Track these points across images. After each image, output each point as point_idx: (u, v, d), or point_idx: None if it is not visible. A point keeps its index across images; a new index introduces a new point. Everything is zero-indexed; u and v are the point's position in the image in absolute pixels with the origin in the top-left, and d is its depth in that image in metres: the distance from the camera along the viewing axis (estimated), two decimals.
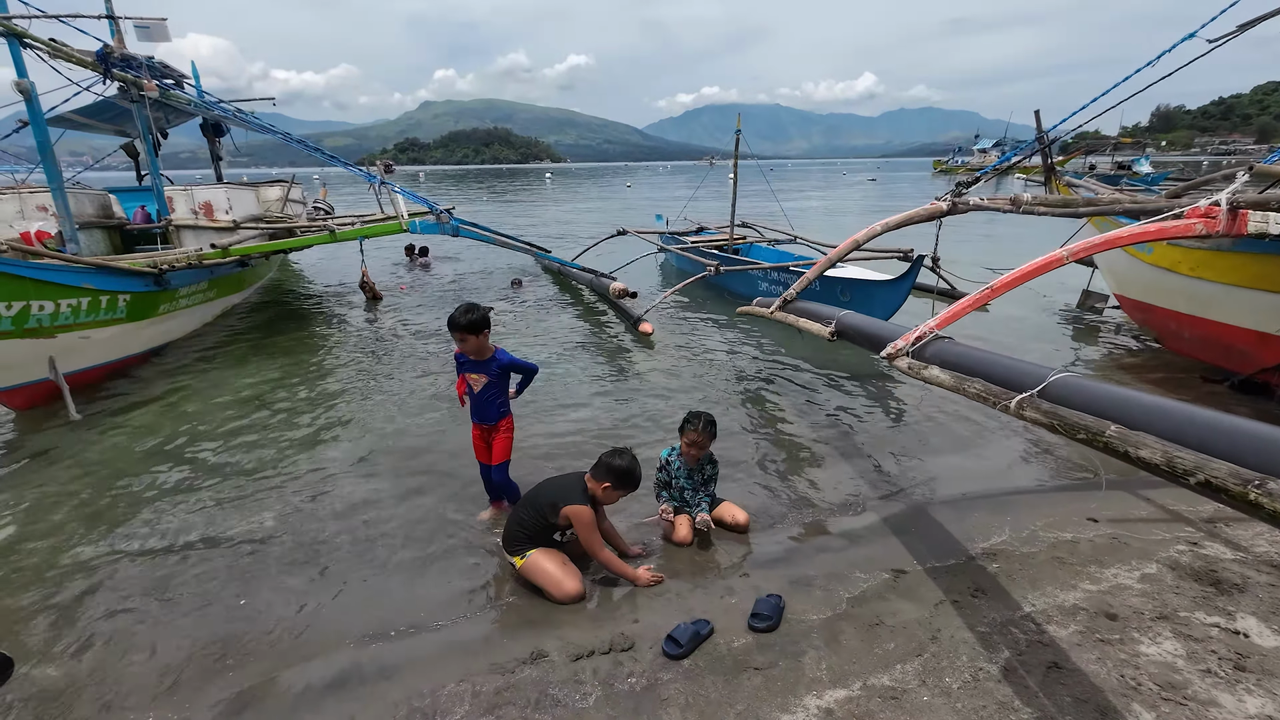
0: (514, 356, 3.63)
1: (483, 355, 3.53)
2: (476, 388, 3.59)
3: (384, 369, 6.74)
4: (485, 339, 3.49)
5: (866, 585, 3.10)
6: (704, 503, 3.59)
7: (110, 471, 4.51)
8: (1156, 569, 3.11)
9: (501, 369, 3.56)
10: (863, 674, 2.51)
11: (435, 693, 2.51)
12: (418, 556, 3.49)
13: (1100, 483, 4.12)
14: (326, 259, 14.05)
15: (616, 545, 3.37)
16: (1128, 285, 7.24)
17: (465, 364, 3.59)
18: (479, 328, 3.41)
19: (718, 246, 10.95)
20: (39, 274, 5.33)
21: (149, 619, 3.01)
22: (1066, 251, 3.12)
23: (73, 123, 9.46)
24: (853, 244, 5.53)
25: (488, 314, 3.49)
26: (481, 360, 3.53)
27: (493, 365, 3.54)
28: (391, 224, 8.26)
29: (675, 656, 2.65)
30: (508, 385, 3.67)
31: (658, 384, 6.17)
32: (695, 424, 3.50)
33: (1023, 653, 2.58)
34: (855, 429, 5.14)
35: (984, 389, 2.42)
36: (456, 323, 3.40)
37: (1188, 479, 1.52)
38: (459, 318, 3.39)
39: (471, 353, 3.50)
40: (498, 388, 3.61)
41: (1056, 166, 6.64)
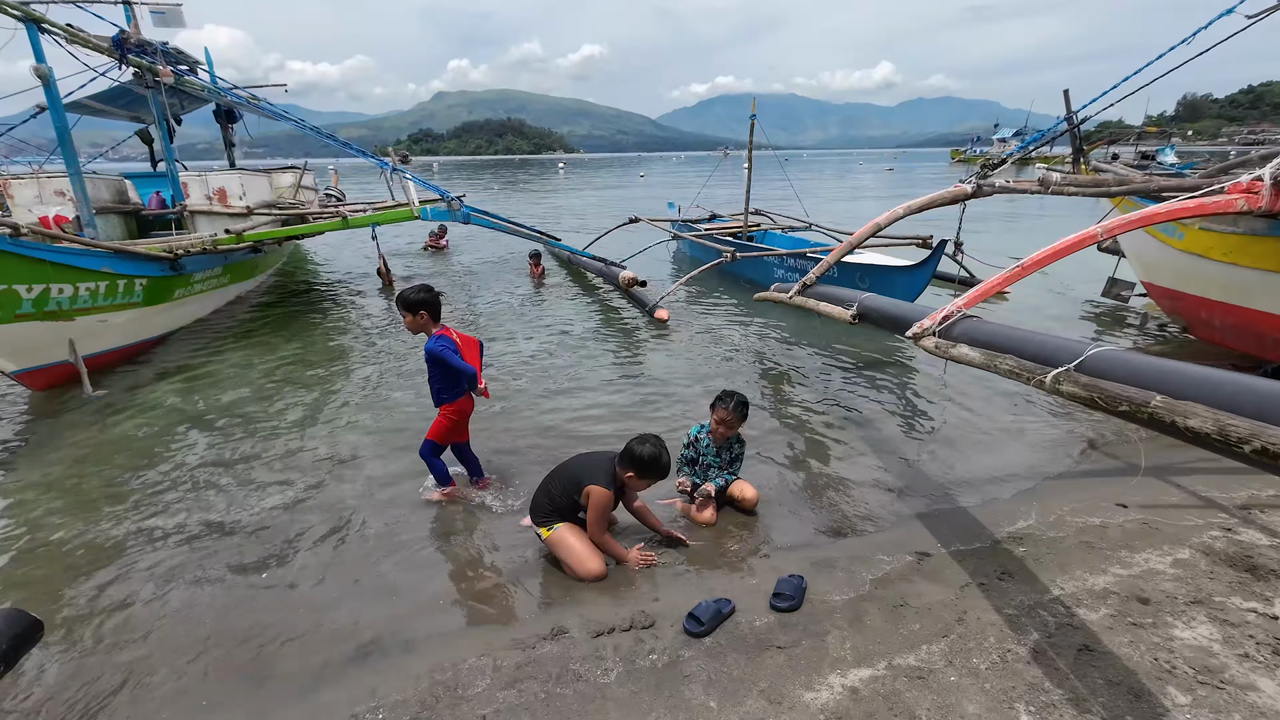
0: (442, 351, 3.43)
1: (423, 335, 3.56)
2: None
3: (398, 351, 6.76)
4: (419, 321, 3.49)
5: (890, 567, 3.06)
6: (722, 479, 3.59)
7: (129, 451, 4.56)
8: (1190, 554, 3.04)
9: (429, 352, 3.46)
10: (888, 654, 2.47)
11: (456, 666, 2.51)
12: (438, 534, 3.51)
13: (1129, 469, 4.03)
14: (338, 246, 14.12)
15: (652, 526, 3.36)
16: (1156, 272, 7.07)
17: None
18: (407, 307, 3.47)
19: (732, 234, 10.84)
20: (58, 257, 5.40)
21: (171, 593, 3.04)
22: (1101, 228, 3.04)
23: (89, 108, 9.54)
24: (874, 227, 5.44)
25: (421, 297, 3.47)
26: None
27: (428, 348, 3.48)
28: (403, 211, 8.26)
29: (697, 634, 2.63)
30: (441, 374, 3.55)
31: (676, 369, 6.14)
32: (727, 403, 3.47)
33: (1052, 635, 2.53)
34: (874, 414, 5.07)
35: (1017, 365, 2.36)
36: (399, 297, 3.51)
37: (1242, 447, 1.46)
38: (403, 294, 3.50)
39: (410, 330, 3.55)
40: (430, 373, 3.57)
41: (1084, 150, 6.48)
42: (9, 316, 5.11)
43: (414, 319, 3.49)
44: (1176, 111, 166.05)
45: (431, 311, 3.51)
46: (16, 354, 5.25)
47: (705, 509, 3.52)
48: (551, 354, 6.68)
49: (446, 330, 3.55)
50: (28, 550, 3.41)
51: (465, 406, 3.70)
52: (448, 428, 3.68)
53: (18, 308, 5.15)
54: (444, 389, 3.59)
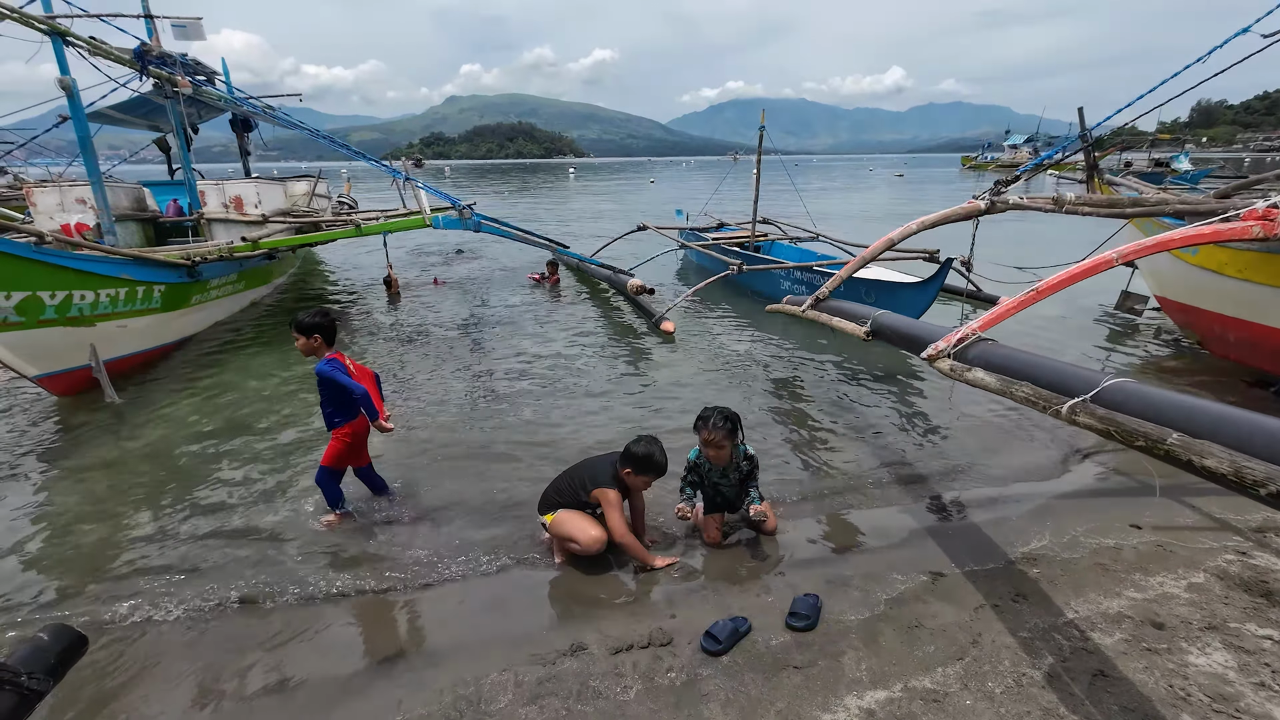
0: (332, 371, 3.42)
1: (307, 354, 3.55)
2: None
3: (411, 359, 6.86)
4: (311, 344, 3.49)
5: (904, 587, 3.09)
6: (752, 498, 3.39)
7: (149, 456, 4.65)
8: (1204, 578, 3.05)
9: (319, 377, 3.47)
10: (903, 676, 2.51)
11: (479, 681, 2.57)
12: (456, 544, 3.56)
13: (1142, 489, 4.04)
14: (350, 253, 14.29)
15: (637, 529, 3.46)
16: (1170, 287, 7.05)
17: None
18: (300, 330, 3.47)
19: (739, 244, 10.88)
20: (80, 264, 5.54)
21: (194, 604, 3.11)
22: (1116, 254, 3.06)
23: (109, 118, 9.73)
24: (887, 243, 5.48)
25: (316, 321, 3.47)
26: None
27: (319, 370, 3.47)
28: (415, 219, 8.37)
29: (714, 653, 2.67)
30: (332, 398, 3.55)
31: (681, 381, 6.16)
32: (708, 421, 3.25)
33: (1067, 659, 2.55)
34: (886, 429, 5.10)
35: (1033, 393, 2.40)
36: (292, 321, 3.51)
37: (1258, 490, 1.49)
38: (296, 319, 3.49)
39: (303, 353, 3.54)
40: (321, 396, 3.56)
41: (1097, 167, 6.49)
42: (33, 322, 5.24)
43: (307, 341, 3.48)
44: (1190, 117, 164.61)
45: (325, 335, 3.51)
46: (39, 358, 5.38)
47: (710, 528, 3.49)
48: (559, 361, 6.75)
49: (339, 355, 3.53)
50: (57, 557, 3.50)
51: (359, 429, 3.65)
52: (342, 451, 3.64)
53: (41, 313, 5.28)
54: (335, 412, 3.59)
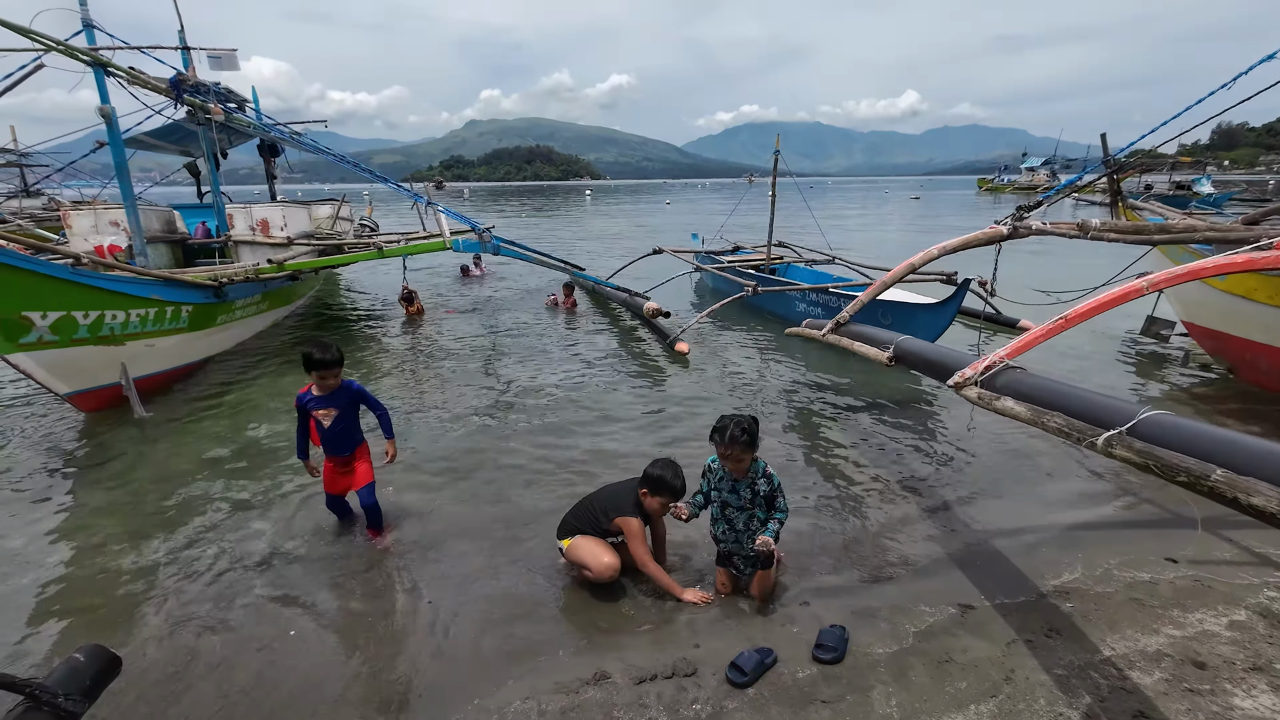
0: (363, 388, 3.73)
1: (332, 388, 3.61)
2: (327, 422, 3.64)
3: (429, 380, 6.93)
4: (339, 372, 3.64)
5: (933, 620, 3.03)
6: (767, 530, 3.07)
7: (177, 473, 4.72)
8: (1246, 616, 2.96)
9: (351, 398, 3.68)
10: (935, 712, 2.45)
11: (502, 710, 2.55)
12: (477, 570, 3.55)
13: (1175, 520, 3.95)
14: (371, 275, 14.54)
15: (659, 557, 3.43)
16: (1198, 312, 6.95)
17: (311, 402, 3.61)
18: (342, 362, 3.58)
19: (754, 266, 10.91)
20: (113, 285, 5.70)
21: (222, 630, 3.12)
22: (1146, 283, 3.04)
23: (144, 144, 10.06)
24: (908, 267, 5.48)
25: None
26: (328, 395, 3.60)
27: (341, 396, 3.63)
28: (436, 242, 8.51)
29: (740, 685, 2.63)
30: (357, 413, 3.77)
31: (697, 403, 6.14)
32: (723, 435, 2.94)
33: (1105, 699, 2.48)
34: (909, 455, 5.03)
35: (1066, 424, 2.37)
36: (325, 361, 3.48)
37: None
38: (330, 355, 3.49)
39: (329, 389, 3.59)
40: (349, 417, 3.71)
41: (1121, 193, 6.44)
42: (66, 341, 5.38)
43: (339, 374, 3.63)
44: (1211, 140, 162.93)
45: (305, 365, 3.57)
46: (70, 376, 5.51)
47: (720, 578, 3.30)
48: (575, 383, 6.77)
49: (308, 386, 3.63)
50: (88, 575, 3.55)
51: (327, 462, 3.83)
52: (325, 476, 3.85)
53: (74, 332, 5.43)
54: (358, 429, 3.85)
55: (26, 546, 3.84)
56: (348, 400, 3.67)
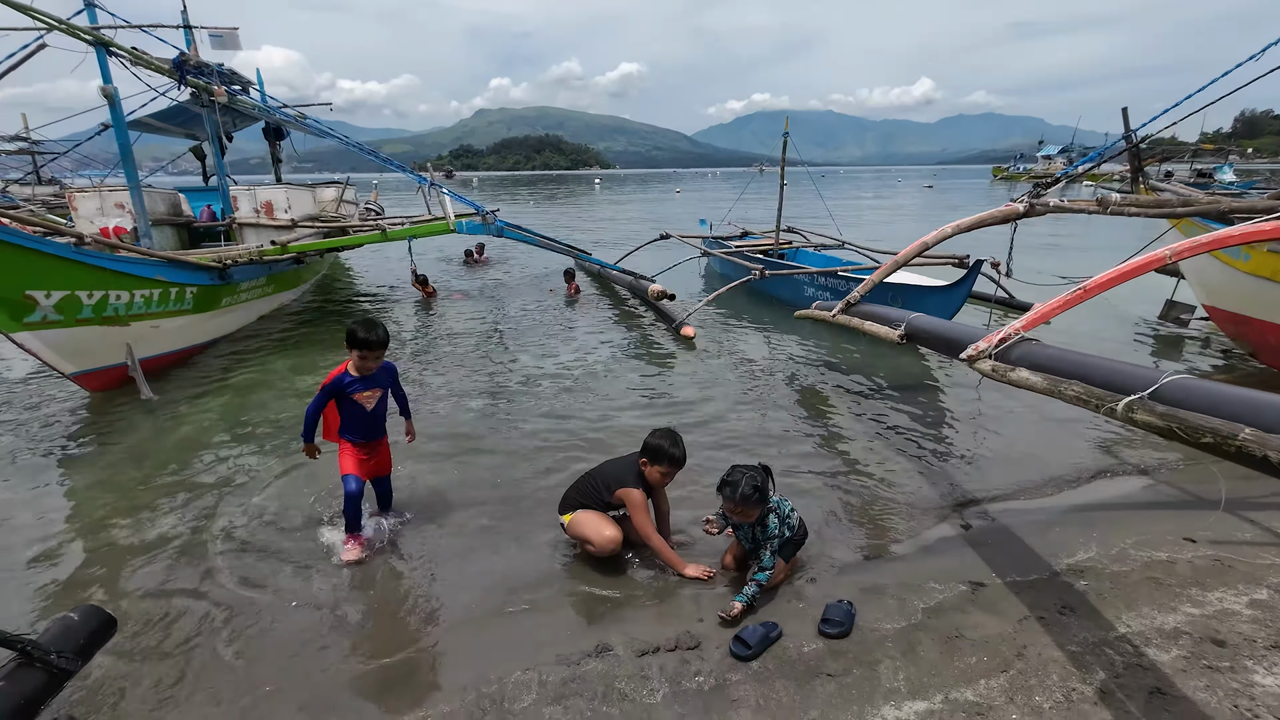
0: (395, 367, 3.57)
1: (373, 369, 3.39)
2: (370, 405, 3.42)
3: (432, 362, 6.91)
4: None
5: (943, 596, 2.97)
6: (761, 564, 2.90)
7: (182, 452, 4.72)
8: (1268, 595, 2.87)
9: (392, 378, 3.54)
10: (944, 687, 2.39)
11: (502, 680, 2.52)
12: (479, 545, 3.52)
13: (1193, 501, 3.85)
14: (377, 259, 14.54)
15: (662, 531, 3.35)
16: (1220, 295, 6.77)
17: (353, 384, 3.33)
18: (387, 343, 3.33)
19: (762, 251, 10.78)
20: (117, 266, 5.69)
21: (219, 599, 3.11)
22: (1169, 251, 2.93)
23: (148, 126, 10.05)
24: (921, 246, 5.37)
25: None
26: (372, 375, 3.38)
27: (384, 377, 3.46)
28: (440, 224, 8.46)
29: (743, 658, 2.58)
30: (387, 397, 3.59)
31: (703, 386, 6.05)
32: (731, 491, 2.86)
33: (1120, 675, 2.41)
34: (918, 436, 4.95)
35: (1084, 391, 2.28)
36: (371, 341, 3.22)
37: None
38: (376, 335, 3.24)
39: (370, 370, 3.35)
40: (385, 399, 3.53)
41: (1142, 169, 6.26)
42: (71, 320, 5.39)
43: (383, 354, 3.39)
44: (1234, 128, 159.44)
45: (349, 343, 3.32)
46: (76, 356, 5.52)
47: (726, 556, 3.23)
48: (578, 366, 6.72)
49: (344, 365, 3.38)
50: (91, 548, 3.55)
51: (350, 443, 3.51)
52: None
53: (79, 312, 5.43)
54: None
55: (32, 519, 3.85)
56: (390, 381, 3.52)
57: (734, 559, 3.23)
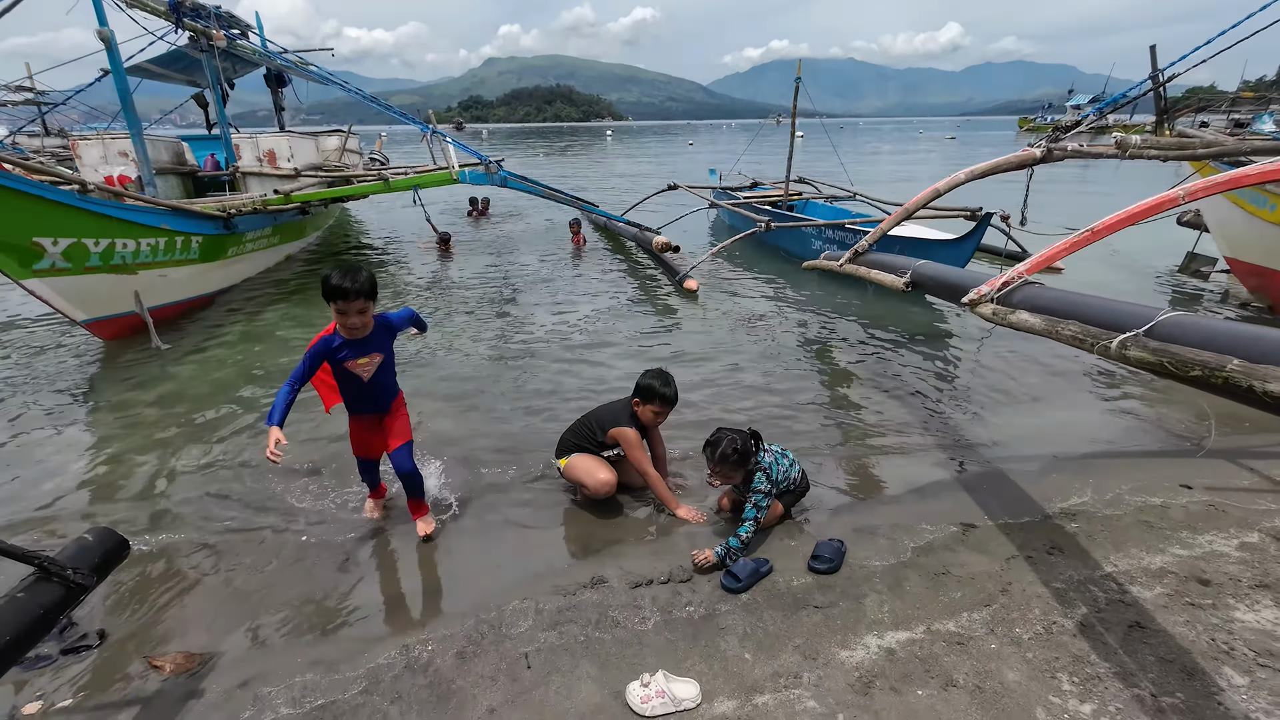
0: (396, 314, 2.95)
1: (366, 330, 2.75)
2: (368, 373, 2.82)
3: (438, 314, 6.94)
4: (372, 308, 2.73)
5: (933, 536, 3.02)
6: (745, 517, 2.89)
7: (193, 398, 4.83)
8: (1259, 538, 2.89)
9: (393, 336, 2.90)
10: (927, 619, 2.46)
11: (501, 608, 2.62)
12: (479, 488, 3.61)
13: (1193, 450, 3.84)
14: (383, 212, 14.45)
15: (660, 473, 3.39)
16: (1243, 247, 6.58)
17: (343, 350, 2.73)
18: (373, 293, 2.68)
19: (771, 203, 10.57)
20: (122, 213, 5.71)
21: (229, 530, 3.25)
22: (1183, 190, 2.84)
23: (148, 72, 9.89)
24: (933, 193, 5.22)
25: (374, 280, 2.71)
26: (364, 337, 2.75)
27: (384, 337, 2.84)
28: (443, 174, 8.36)
29: (734, 590, 2.66)
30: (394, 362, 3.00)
31: (704, 341, 6.04)
32: (711, 451, 2.92)
33: (1102, 610, 2.46)
34: (919, 386, 4.94)
35: (1080, 330, 2.26)
36: (346, 290, 2.57)
37: None
38: (352, 282, 2.57)
39: (356, 329, 2.69)
40: (390, 362, 2.94)
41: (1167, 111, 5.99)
42: (79, 268, 5.45)
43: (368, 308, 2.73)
44: (1279, 76, 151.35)
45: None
46: (86, 304, 5.60)
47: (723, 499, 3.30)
48: (582, 321, 6.71)
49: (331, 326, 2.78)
50: (107, 483, 3.69)
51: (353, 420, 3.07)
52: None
53: (86, 260, 5.49)
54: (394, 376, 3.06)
55: (50, 455, 4.00)
56: (390, 341, 2.89)
57: (730, 503, 3.30)
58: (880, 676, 2.18)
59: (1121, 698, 2.05)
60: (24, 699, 2.24)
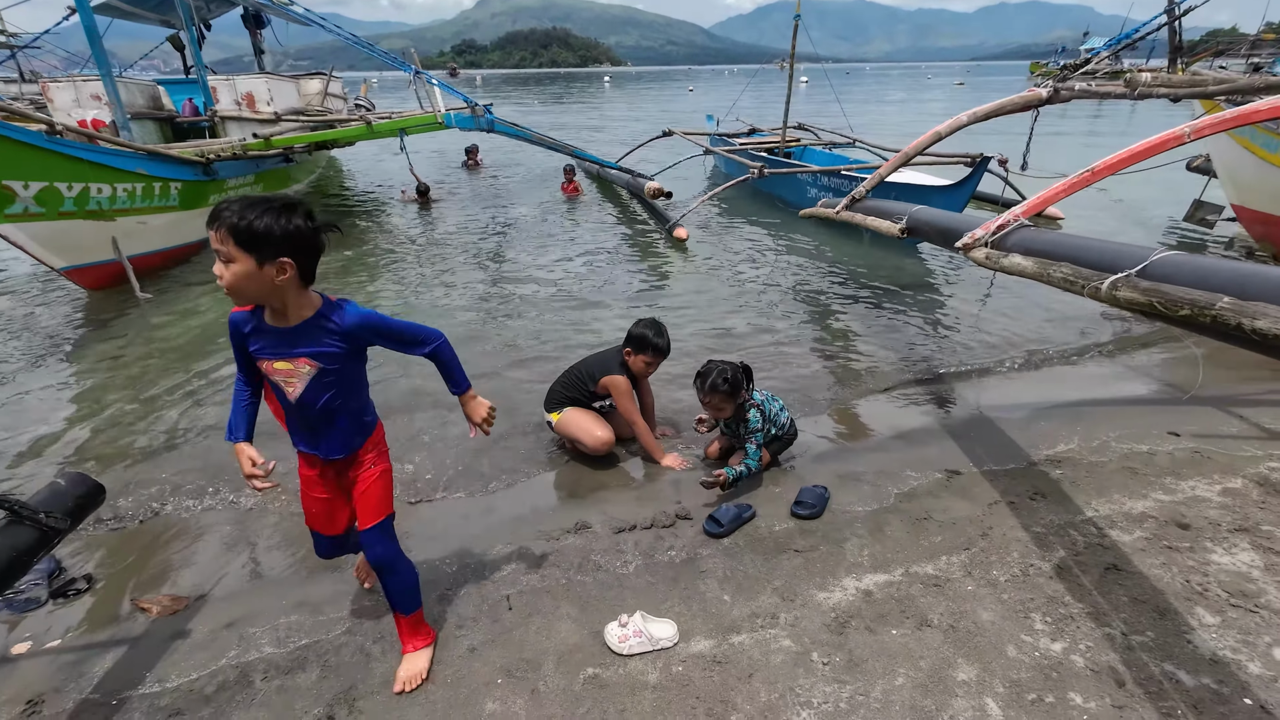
0: (371, 311, 1.75)
1: (294, 314, 1.65)
2: (294, 388, 1.72)
3: (426, 263, 6.84)
4: (291, 276, 1.56)
5: (918, 483, 3.03)
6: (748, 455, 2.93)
7: (177, 348, 4.79)
8: (1242, 484, 2.89)
9: (347, 337, 1.70)
10: (905, 562, 2.48)
11: (484, 553, 2.64)
12: (463, 438, 3.58)
13: (1191, 399, 3.81)
14: (372, 159, 14.07)
15: (648, 422, 3.40)
16: (1251, 193, 6.42)
17: (258, 338, 1.69)
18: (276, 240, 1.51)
19: (768, 149, 10.27)
20: (95, 157, 5.54)
21: (209, 482, 3.24)
22: (1189, 128, 2.72)
23: (117, 9, 9.45)
24: (933, 136, 5.05)
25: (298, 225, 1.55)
26: (294, 327, 1.66)
27: (324, 338, 1.68)
28: (427, 118, 8.09)
29: (716, 535, 2.68)
30: (363, 371, 1.85)
31: (695, 289, 5.96)
32: (701, 382, 2.96)
33: (1080, 554, 2.48)
34: (913, 336, 4.90)
35: (1072, 273, 2.19)
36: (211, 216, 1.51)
37: None
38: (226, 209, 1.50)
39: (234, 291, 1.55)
40: (341, 381, 1.76)
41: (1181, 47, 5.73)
42: (54, 214, 5.32)
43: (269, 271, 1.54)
44: None
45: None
46: (64, 250, 5.49)
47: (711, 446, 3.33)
48: (572, 271, 6.59)
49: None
50: (92, 430, 3.69)
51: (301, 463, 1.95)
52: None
53: (61, 205, 5.35)
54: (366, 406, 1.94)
55: (34, 404, 3.99)
56: (342, 350, 1.71)
57: (719, 449, 3.30)
58: (856, 617, 2.20)
59: (1092, 636, 2.08)
60: (15, 639, 2.28)
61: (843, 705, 1.88)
